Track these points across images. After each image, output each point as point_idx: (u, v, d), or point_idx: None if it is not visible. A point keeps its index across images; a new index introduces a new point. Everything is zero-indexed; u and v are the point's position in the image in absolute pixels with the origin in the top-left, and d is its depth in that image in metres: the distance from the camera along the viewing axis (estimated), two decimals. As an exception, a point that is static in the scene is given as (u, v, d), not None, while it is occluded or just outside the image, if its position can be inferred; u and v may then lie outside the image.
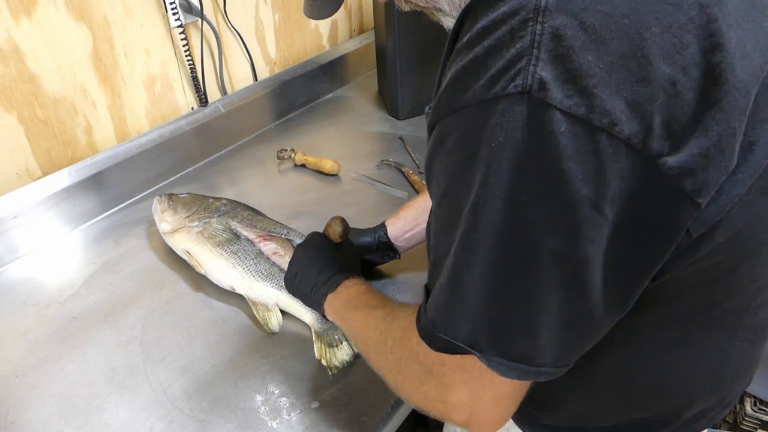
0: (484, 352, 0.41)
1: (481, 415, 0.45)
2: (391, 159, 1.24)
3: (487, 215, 0.37)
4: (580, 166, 0.34)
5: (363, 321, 0.62)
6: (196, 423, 0.72)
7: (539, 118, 0.34)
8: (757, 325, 0.54)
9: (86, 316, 0.89)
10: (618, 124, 0.34)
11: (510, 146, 0.35)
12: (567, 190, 0.35)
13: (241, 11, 1.29)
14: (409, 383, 0.50)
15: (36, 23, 0.96)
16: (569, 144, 0.34)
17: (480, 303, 0.41)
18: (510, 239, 0.38)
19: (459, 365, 0.44)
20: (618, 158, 0.34)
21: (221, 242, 0.91)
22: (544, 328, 0.40)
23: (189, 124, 1.22)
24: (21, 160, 1.02)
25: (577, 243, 0.37)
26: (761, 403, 1.36)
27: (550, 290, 0.39)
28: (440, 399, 0.47)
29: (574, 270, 0.38)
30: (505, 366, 0.41)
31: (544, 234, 0.37)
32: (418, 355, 0.47)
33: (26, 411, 0.75)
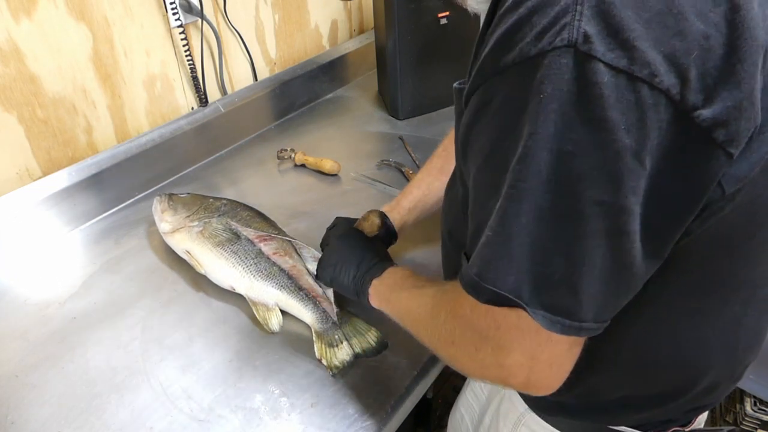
0: (528, 304, 0.42)
1: (539, 375, 0.46)
2: (391, 159, 1.24)
3: (535, 165, 0.39)
4: (623, 116, 0.36)
5: (411, 300, 0.62)
6: (196, 423, 0.72)
7: (584, 69, 0.36)
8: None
9: (86, 316, 0.89)
10: (658, 75, 0.36)
11: (556, 97, 0.37)
12: (610, 139, 0.37)
13: (241, 11, 1.29)
14: (464, 353, 0.50)
15: (36, 23, 0.96)
16: (612, 94, 0.36)
17: (525, 253, 0.41)
18: (555, 189, 0.39)
19: (514, 326, 0.44)
20: (657, 109, 0.37)
21: (221, 242, 0.91)
22: (586, 281, 0.41)
23: (189, 124, 1.22)
24: (21, 160, 1.02)
25: (620, 192, 0.38)
26: (761, 403, 1.36)
27: (592, 241, 0.40)
28: (497, 363, 0.47)
29: (617, 220, 0.39)
30: (548, 319, 0.42)
31: (588, 184, 0.38)
32: (472, 322, 0.48)
33: (26, 411, 0.75)
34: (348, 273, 0.75)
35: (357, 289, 0.74)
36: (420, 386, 0.78)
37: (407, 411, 0.77)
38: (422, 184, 0.90)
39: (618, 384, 0.58)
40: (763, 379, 1.28)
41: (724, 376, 0.60)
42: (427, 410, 1.16)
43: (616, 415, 0.62)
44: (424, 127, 1.37)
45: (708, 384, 0.59)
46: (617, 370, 0.57)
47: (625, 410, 0.61)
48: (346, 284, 0.76)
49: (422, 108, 1.41)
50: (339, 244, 0.79)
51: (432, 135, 1.34)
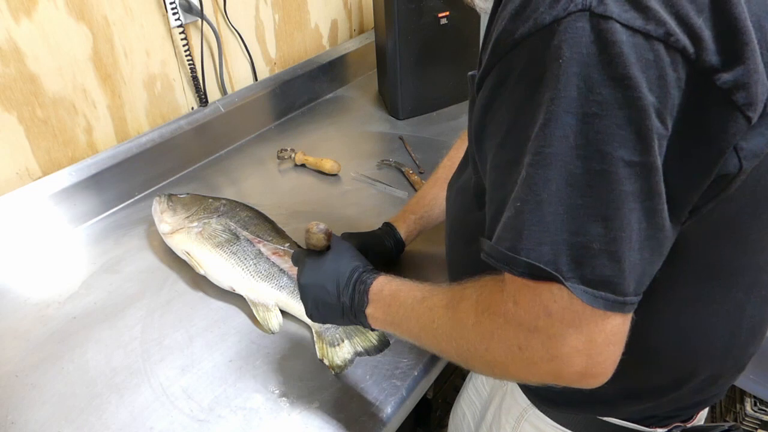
0: (567, 278, 0.41)
1: (597, 359, 0.43)
2: (391, 159, 1.24)
3: (560, 130, 0.39)
4: (644, 74, 0.37)
5: (421, 317, 0.57)
6: (196, 423, 0.72)
7: (601, 30, 0.37)
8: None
9: (86, 316, 0.89)
10: (673, 34, 0.37)
11: (576, 60, 0.37)
12: (635, 96, 0.37)
13: (241, 11, 1.29)
14: (505, 354, 0.47)
15: (36, 23, 0.96)
16: (632, 53, 0.36)
17: (559, 222, 0.40)
18: (584, 153, 0.39)
19: (567, 308, 0.42)
20: (675, 68, 0.37)
21: (221, 243, 0.91)
22: (626, 247, 0.40)
23: (189, 124, 1.22)
24: (21, 160, 1.02)
25: (649, 151, 0.38)
26: (761, 403, 1.36)
27: (628, 203, 0.39)
28: (549, 356, 0.44)
29: (648, 180, 0.39)
30: (590, 294, 0.41)
31: (616, 144, 0.38)
32: (516, 317, 0.45)
33: (26, 411, 0.75)
34: (335, 312, 0.65)
35: (354, 322, 0.66)
36: (420, 386, 0.78)
37: (407, 411, 0.77)
38: (428, 194, 0.90)
39: (619, 373, 0.58)
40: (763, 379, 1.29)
41: (727, 366, 0.60)
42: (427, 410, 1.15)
43: (617, 407, 0.61)
44: (424, 127, 1.37)
45: (710, 374, 0.59)
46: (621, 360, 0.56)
47: (626, 401, 0.60)
48: (340, 320, 0.67)
49: (422, 108, 1.41)
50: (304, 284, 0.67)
51: (432, 135, 1.34)
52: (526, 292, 0.44)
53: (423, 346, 0.59)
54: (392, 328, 0.62)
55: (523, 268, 0.42)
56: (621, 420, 0.62)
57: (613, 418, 0.62)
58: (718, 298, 0.54)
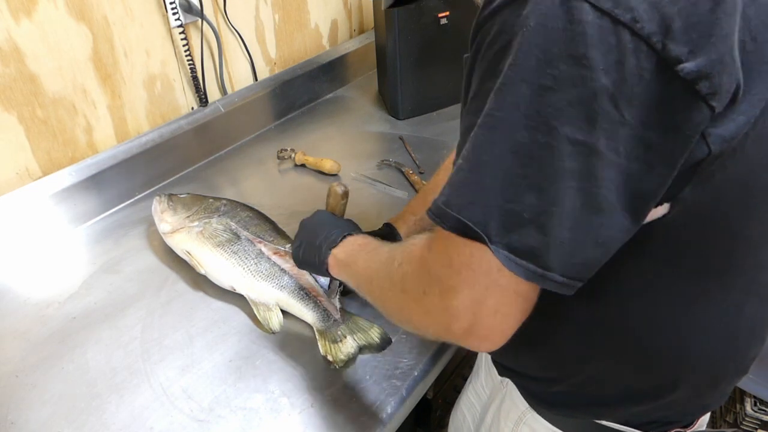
0: (493, 241, 0.41)
1: (482, 323, 0.44)
2: (391, 159, 1.24)
3: (512, 96, 0.39)
4: (603, 57, 0.37)
5: (368, 260, 0.61)
6: (196, 423, 0.72)
7: (570, 7, 0.37)
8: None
9: (86, 316, 0.89)
10: (640, 21, 0.36)
11: (540, 32, 0.38)
12: (589, 76, 0.37)
13: (241, 11, 1.29)
14: (412, 298, 0.50)
15: (36, 23, 0.96)
16: (594, 34, 0.37)
17: (496, 186, 0.41)
18: (532, 123, 0.39)
19: (466, 264, 0.43)
20: (638, 56, 0.37)
21: (221, 242, 0.91)
22: (556, 222, 0.41)
23: (189, 124, 1.22)
24: (21, 160, 1.02)
25: (593, 133, 0.39)
26: (761, 403, 1.36)
27: (565, 180, 0.40)
28: (442, 307, 0.46)
29: (589, 161, 0.39)
30: (512, 261, 0.41)
31: (563, 119, 0.39)
32: (426, 262, 0.47)
33: (26, 411, 0.75)
34: (312, 251, 0.73)
35: (318, 261, 0.72)
36: (420, 386, 0.78)
37: (407, 411, 0.77)
38: (429, 195, 0.89)
39: (616, 373, 0.58)
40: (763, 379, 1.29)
41: (727, 368, 0.60)
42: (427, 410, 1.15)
43: (615, 409, 0.61)
44: (424, 127, 1.37)
45: (710, 376, 0.58)
46: (615, 359, 0.57)
47: (624, 403, 0.60)
48: (311, 261, 0.74)
49: (422, 108, 1.41)
50: (303, 226, 0.78)
51: (432, 135, 1.34)
52: (441, 241, 0.45)
53: (360, 287, 0.63)
54: (345, 270, 0.67)
55: (453, 222, 0.43)
56: (620, 424, 0.62)
57: (611, 422, 0.62)
58: (713, 298, 0.53)
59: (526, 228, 0.41)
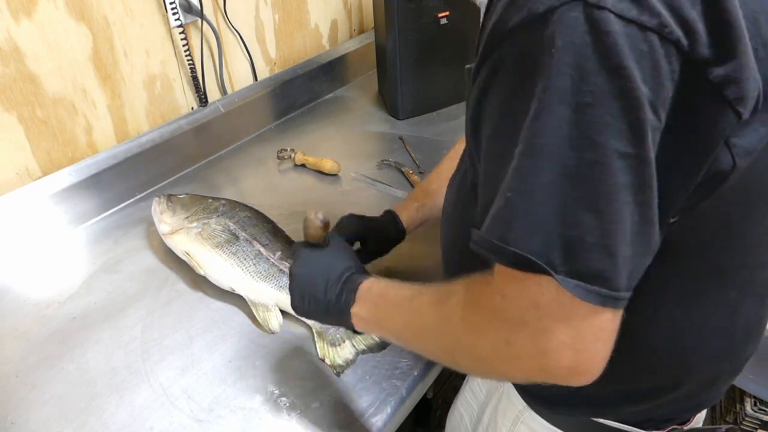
0: (559, 271, 0.39)
1: (585, 355, 0.42)
2: (391, 159, 1.24)
3: (553, 120, 0.38)
4: (638, 65, 0.36)
5: (407, 315, 0.56)
6: (196, 423, 0.72)
7: (595, 20, 0.36)
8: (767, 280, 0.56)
9: (86, 316, 0.89)
10: (667, 26, 0.36)
11: (570, 50, 0.37)
12: (629, 87, 0.37)
13: (241, 11, 1.29)
14: (492, 349, 0.46)
15: (36, 23, 0.96)
16: (626, 43, 0.36)
17: (551, 213, 0.39)
18: (577, 143, 0.38)
19: (555, 300, 0.41)
20: (669, 60, 0.37)
21: (220, 243, 0.91)
22: (620, 240, 0.39)
23: (189, 124, 1.22)
24: (21, 160, 1.02)
25: (642, 143, 0.38)
26: (761, 403, 1.36)
27: (621, 196, 0.39)
28: (537, 351, 0.43)
29: (641, 173, 0.39)
30: (582, 288, 0.39)
31: (609, 135, 0.37)
32: (503, 311, 0.44)
33: (26, 411, 0.75)
34: (319, 307, 0.65)
35: (336, 321, 0.65)
36: (420, 386, 0.78)
37: (407, 411, 0.77)
38: (432, 184, 0.89)
39: (614, 374, 0.57)
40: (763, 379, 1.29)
41: (724, 368, 0.60)
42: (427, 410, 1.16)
43: (613, 408, 0.61)
44: (424, 127, 1.37)
45: (707, 375, 0.59)
46: (615, 359, 0.56)
47: (622, 403, 0.60)
48: (323, 317, 0.67)
49: (422, 108, 1.41)
50: (295, 274, 0.67)
51: (432, 135, 1.34)
52: (514, 284, 0.43)
53: (407, 345, 0.58)
54: (377, 328, 0.61)
55: (513, 258, 0.41)
56: (617, 422, 0.62)
57: (608, 420, 0.62)
58: (712, 297, 0.53)
59: (590, 251, 0.39)
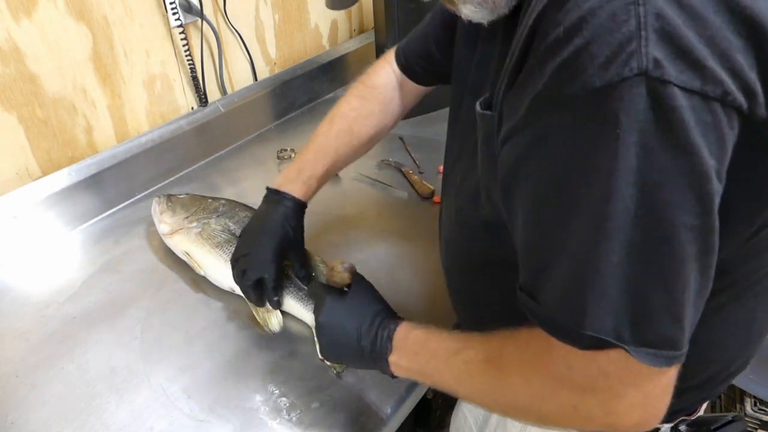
0: (629, 344, 0.41)
1: (652, 410, 0.45)
2: (391, 159, 1.24)
3: (621, 202, 0.38)
4: (704, 138, 0.36)
5: (456, 371, 0.56)
6: (196, 423, 0.72)
7: (659, 96, 0.35)
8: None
9: (86, 316, 0.89)
10: (730, 93, 0.36)
11: (635, 129, 0.36)
12: (696, 162, 0.36)
13: (241, 11, 1.29)
14: (559, 413, 0.48)
15: (36, 23, 0.96)
16: (691, 118, 0.36)
17: (621, 291, 0.40)
18: (646, 222, 0.38)
19: (624, 368, 0.43)
20: (732, 125, 0.37)
21: (220, 243, 0.91)
22: (686, 306, 0.40)
23: (189, 124, 1.22)
24: (21, 160, 1.02)
25: (710, 213, 0.38)
26: (761, 403, 1.36)
27: (689, 265, 0.39)
28: (606, 413, 0.45)
29: (707, 241, 0.39)
30: (653, 356, 0.41)
31: (678, 210, 0.38)
32: (571, 379, 0.46)
33: (26, 411, 0.75)
34: (354, 356, 0.65)
35: (372, 367, 0.65)
36: (420, 386, 0.78)
37: (407, 411, 0.77)
38: (330, 150, 0.85)
39: None
40: (763, 379, 1.28)
41: (737, 367, 0.62)
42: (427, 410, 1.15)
43: None
44: (424, 127, 1.37)
45: (722, 376, 0.61)
46: None
47: None
48: (358, 364, 0.67)
49: (422, 108, 1.40)
50: (325, 321, 0.66)
51: (432, 135, 1.34)
52: (580, 356, 0.44)
53: (458, 396, 0.59)
54: (419, 377, 0.61)
55: (588, 341, 0.42)
56: None
57: None
58: (732, 309, 0.54)
59: (660, 321, 0.41)
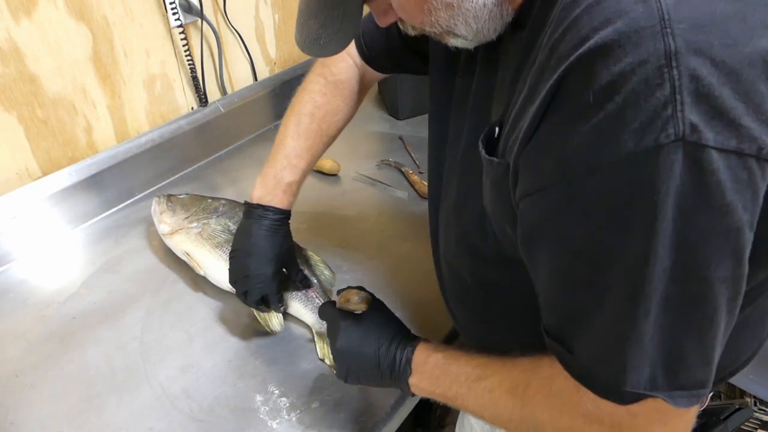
0: (664, 390, 0.42)
1: None
2: (391, 159, 1.24)
3: (659, 265, 0.38)
4: (739, 196, 0.36)
5: (480, 399, 0.56)
6: (196, 423, 0.72)
7: (697, 161, 0.35)
8: None
9: (86, 316, 0.89)
10: (765, 147, 0.36)
11: (673, 194, 0.36)
12: (732, 220, 0.37)
13: (241, 11, 1.29)
14: None
15: (36, 23, 0.96)
16: (728, 178, 0.36)
17: (657, 344, 0.41)
18: (683, 279, 0.39)
19: (653, 408, 0.44)
20: (765, 176, 0.37)
21: (220, 243, 0.91)
22: (716, 349, 0.42)
23: (189, 124, 1.22)
24: (21, 160, 1.02)
25: (742, 263, 0.39)
26: (761, 403, 1.36)
27: (721, 313, 0.41)
28: None
29: (737, 286, 0.40)
30: (685, 398, 0.43)
31: (714, 266, 0.38)
32: (599, 418, 0.47)
33: (26, 411, 0.75)
34: (372, 379, 0.65)
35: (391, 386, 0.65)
36: (420, 386, 0.78)
37: (407, 411, 0.77)
38: (304, 153, 0.83)
39: None
40: (763, 379, 1.28)
41: (745, 362, 0.63)
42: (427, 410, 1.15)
43: None
44: (424, 127, 1.35)
45: (730, 371, 0.62)
46: None
47: None
48: (376, 385, 0.67)
49: (422, 108, 1.41)
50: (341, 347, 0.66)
51: (432, 135, 1.34)
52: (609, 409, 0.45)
53: (482, 420, 0.60)
54: (441, 399, 0.61)
55: (630, 398, 0.43)
56: None
57: None
58: (748, 310, 0.53)
59: (692, 367, 0.42)
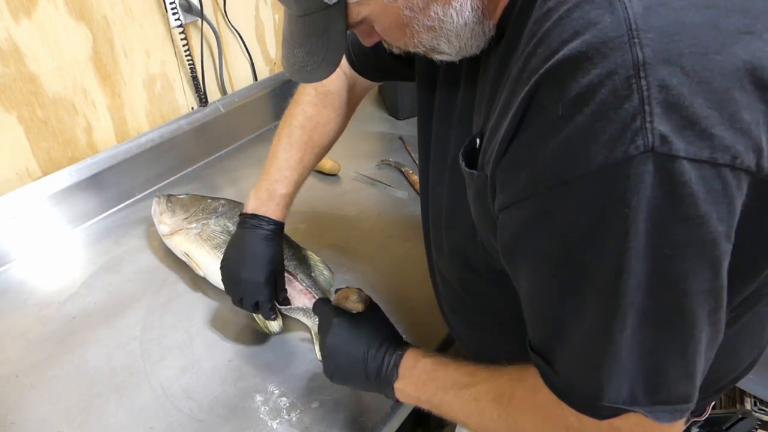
0: (644, 405, 0.42)
1: None
2: (391, 159, 1.24)
3: (633, 278, 0.38)
4: (714, 207, 0.36)
5: (466, 406, 0.56)
6: (196, 423, 0.72)
7: (668, 171, 0.35)
8: None
9: (86, 316, 0.89)
10: (738, 156, 0.35)
11: (644, 206, 0.36)
12: (706, 231, 0.36)
13: (241, 11, 1.29)
14: None
15: (36, 23, 0.96)
16: (701, 189, 0.35)
17: (636, 360, 0.40)
18: (659, 293, 0.38)
19: (635, 423, 0.43)
20: (741, 187, 0.36)
21: (219, 244, 0.91)
22: (698, 363, 0.41)
23: (189, 124, 1.22)
24: (21, 160, 1.02)
25: (720, 275, 0.38)
26: (761, 403, 1.36)
27: (701, 326, 0.40)
28: None
29: (717, 298, 0.39)
30: (668, 413, 0.42)
31: (690, 278, 0.38)
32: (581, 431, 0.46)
33: (26, 411, 0.75)
34: (358, 380, 0.65)
35: (376, 390, 0.65)
36: (420, 386, 0.78)
37: (407, 411, 0.77)
38: (296, 165, 0.82)
39: None
40: (763, 379, 1.28)
41: (746, 370, 0.63)
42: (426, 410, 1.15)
43: None
44: (424, 127, 1.37)
45: (731, 379, 0.61)
46: None
47: None
48: (362, 388, 0.67)
49: (422, 108, 1.41)
50: (331, 343, 0.65)
51: (432, 135, 1.34)
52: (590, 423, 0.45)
53: (466, 428, 0.59)
54: (425, 405, 0.61)
55: (608, 411, 0.43)
56: None
57: None
58: (746, 318, 0.54)
59: (674, 381, 0.41)
